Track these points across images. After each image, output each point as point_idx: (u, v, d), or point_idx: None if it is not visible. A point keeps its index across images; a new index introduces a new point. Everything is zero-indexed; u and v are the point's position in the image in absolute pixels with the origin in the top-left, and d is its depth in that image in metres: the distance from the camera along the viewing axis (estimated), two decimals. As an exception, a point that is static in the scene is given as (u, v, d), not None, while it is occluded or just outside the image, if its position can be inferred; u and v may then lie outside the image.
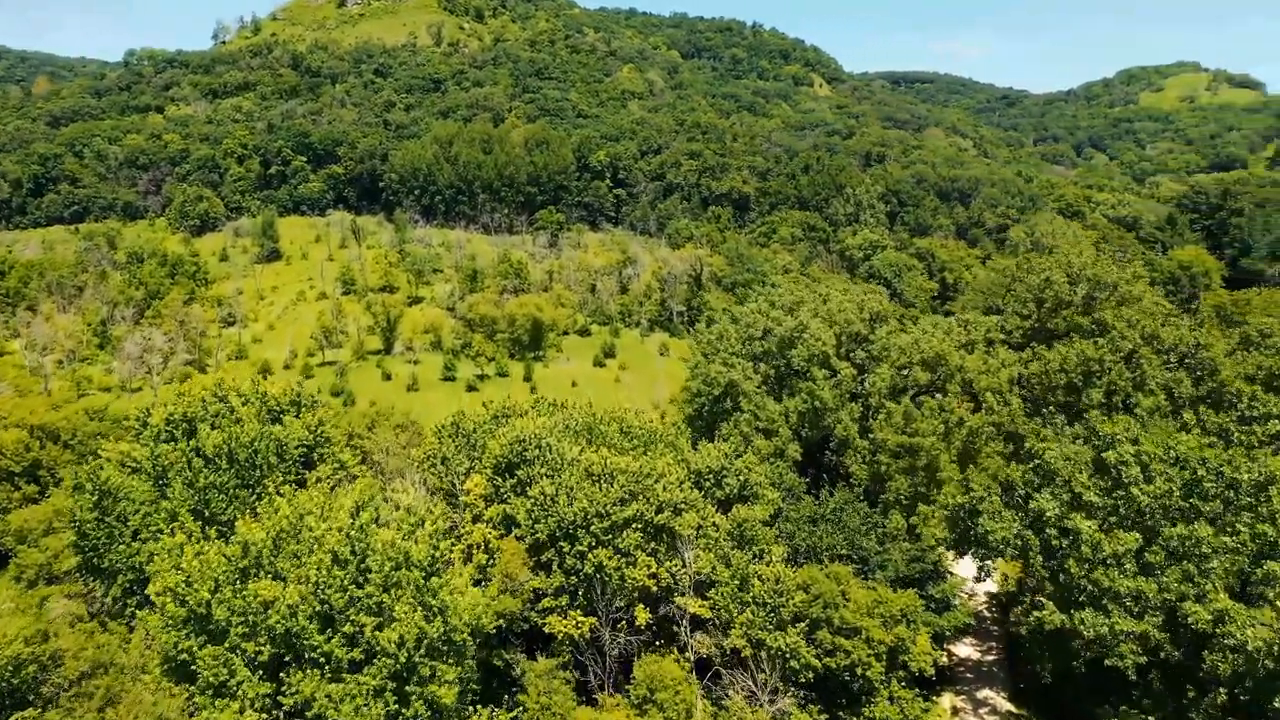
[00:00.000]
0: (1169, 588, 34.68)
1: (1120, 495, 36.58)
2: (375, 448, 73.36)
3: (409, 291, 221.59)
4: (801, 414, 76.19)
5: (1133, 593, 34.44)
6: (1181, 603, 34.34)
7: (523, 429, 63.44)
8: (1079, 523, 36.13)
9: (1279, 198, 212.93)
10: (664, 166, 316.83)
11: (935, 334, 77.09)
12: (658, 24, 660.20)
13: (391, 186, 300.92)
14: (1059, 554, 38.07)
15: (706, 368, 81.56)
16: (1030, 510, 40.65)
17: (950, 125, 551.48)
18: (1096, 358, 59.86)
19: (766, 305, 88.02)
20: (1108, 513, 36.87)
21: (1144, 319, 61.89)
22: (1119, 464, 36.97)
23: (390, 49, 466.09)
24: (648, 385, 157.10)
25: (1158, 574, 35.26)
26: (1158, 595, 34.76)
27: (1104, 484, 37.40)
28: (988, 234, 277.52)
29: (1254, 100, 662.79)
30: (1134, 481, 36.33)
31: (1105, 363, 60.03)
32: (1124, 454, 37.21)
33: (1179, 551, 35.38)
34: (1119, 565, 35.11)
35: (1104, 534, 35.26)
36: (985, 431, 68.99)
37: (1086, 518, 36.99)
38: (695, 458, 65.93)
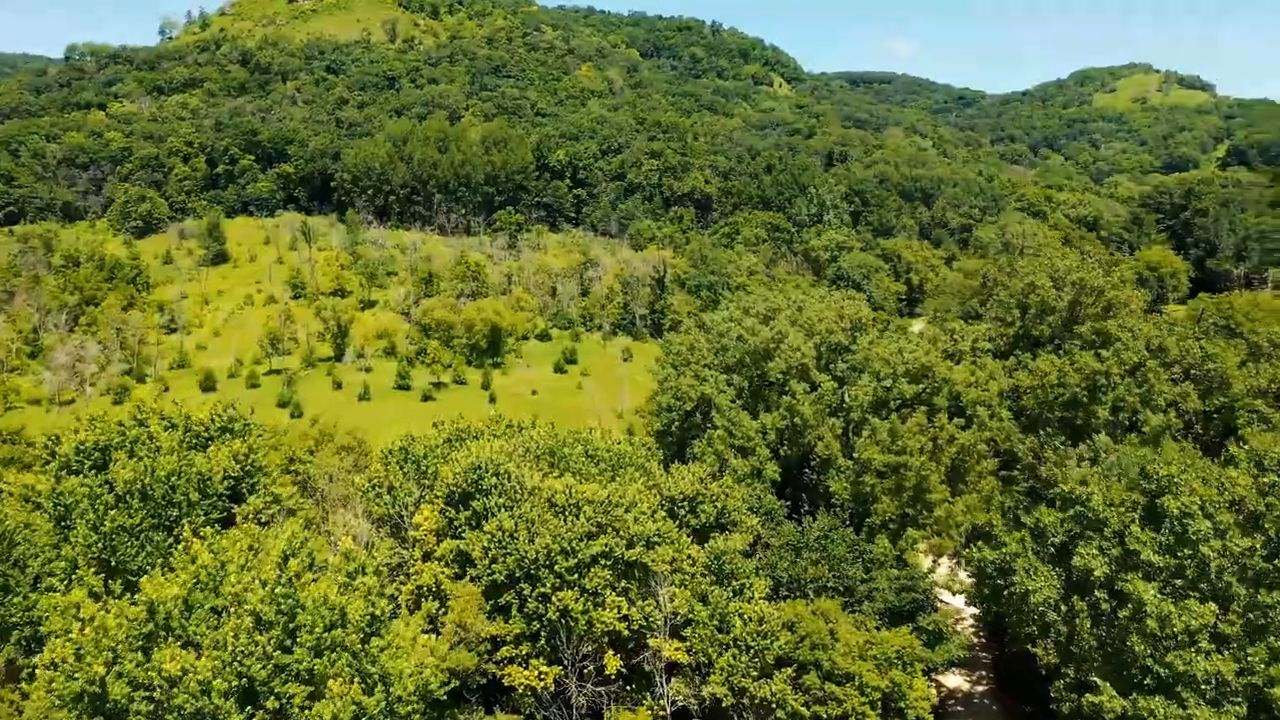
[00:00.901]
0: (1253, 669, 30.02)
1: (1187, 554, 31.92)
2: (318, 473, 66.91)
3: (362, 295, 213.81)
4: (780, 431, 71.01)
5: (1210, 676, 29.69)
6: (1270, 689, 29.55)
7: (478, 454, 57.44)
8: (1139, 588, 31.37)
9: (1242, 197, 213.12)
10: (625, 166, 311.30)
11: (921, 343, 72.33)
12: (617, 23, 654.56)
13: (344, 186, 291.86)
14: (1112, 622, 33.30)
15: (677, 381, 76.09)
16: (1073, 568, 35.86)
17: (910, 125, 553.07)
18: (1103, 370, 55.37)
19: (739, 313, 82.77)
20: (1170, 574, 32.16)
21: (1149, 329, 57.58)
22: (1183, 516, 32.23)
23: (343, 45, 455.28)
24: (611, 393, 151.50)
25: (1235, 650, 30.54)
26: (1240, 680, 30.05)
27: (1165, 540, 32.68)
28: (951, 234, 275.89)
29: (1204, 101, 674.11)
30: (1203, 537, 31.68)
31: (1111, 376, 55.59)
32: (1188, 504, 32.38)
33: (1261, 624, 30.62)
34: (1193, 643, 30.38)
35: (1172, 603, 30.57)
36: (978, 450, 64.37)
37: (1144, 578, 32.31)
38: (667, 482, 60.41)
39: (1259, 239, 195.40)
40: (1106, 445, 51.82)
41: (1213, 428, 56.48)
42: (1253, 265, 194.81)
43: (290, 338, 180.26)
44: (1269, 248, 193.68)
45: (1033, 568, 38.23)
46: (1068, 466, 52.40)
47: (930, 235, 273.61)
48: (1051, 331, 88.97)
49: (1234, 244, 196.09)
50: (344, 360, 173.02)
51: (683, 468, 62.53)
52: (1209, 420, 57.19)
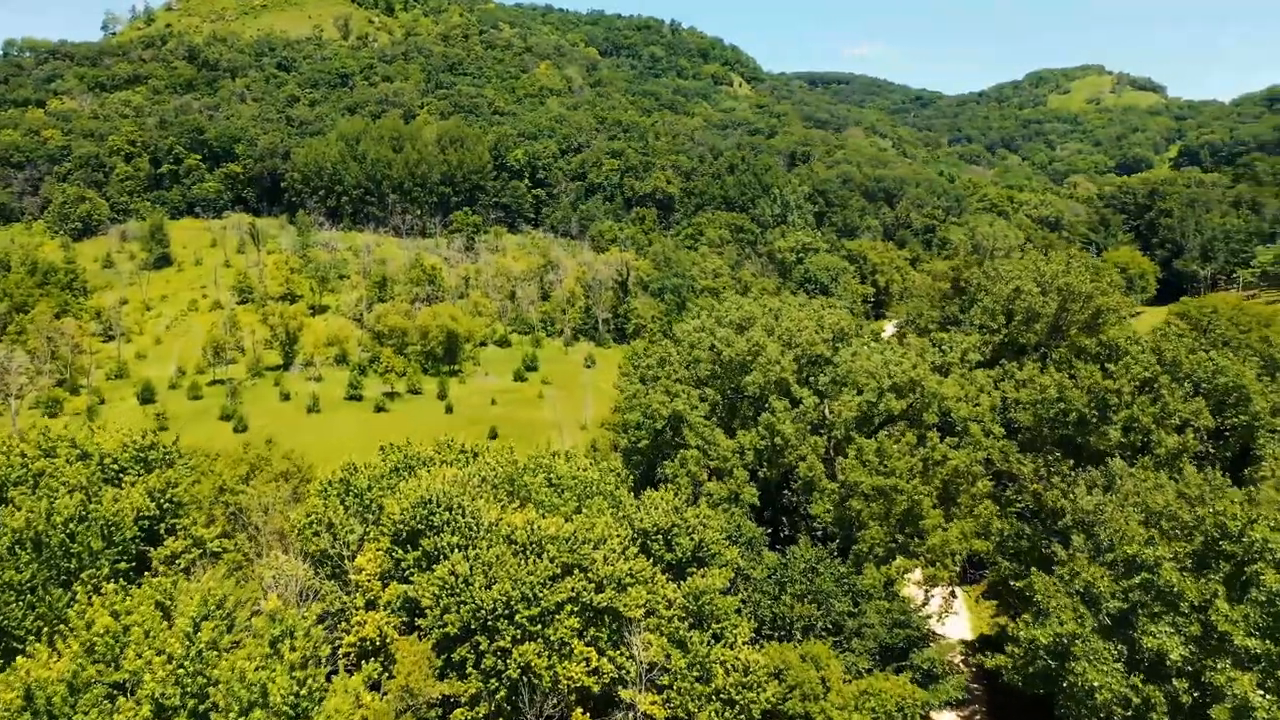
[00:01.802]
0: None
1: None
2: (252, 505, 60.28)
3: (312, 300, 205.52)
4: (759, 451, 65.78)
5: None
6: None
7: (428, 486, 51.52)
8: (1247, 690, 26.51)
9: (1207, 198, 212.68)
10: (585, 165, 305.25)
11: (909, 355, 67.53)
12: (575, 21, 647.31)
13: (294, 187, 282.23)
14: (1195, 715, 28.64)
15: (646, 397, 70.57)
16: (1144, 650, 31.00)
17: (869, 125, 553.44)
18: (1114, 389, 50.83)
19: (712, 322, 77.48)
20: (1272, 663, 27.38)
21: (1165, 343, 53.18)
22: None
23: (294, 42, 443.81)
24: (574, 402, 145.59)
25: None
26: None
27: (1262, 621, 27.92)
28: (915, 235, 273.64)
29: (1155, 103, 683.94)
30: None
31: (1123, 394, 51.07)
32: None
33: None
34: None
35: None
36: (973, 471, 59.71)
37: (1237, 667, 27.59)
38: (639, 514, 54.84)
39: (1224, 239, 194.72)
40: (1122, 471, 47.22)
41: (1229, 448, 52.19)
42: (1219, 266, 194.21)
43: (236, 346, 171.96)
44: (1234, 248, 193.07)
45: (1094, 652, 33.15)
46: (1077, 494, 47.69)
47: (894, 236, 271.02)
48: (1038, 339, 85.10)
49: (1200, 244, 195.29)
50: (293, 369, 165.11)
51: (655, 495, 56.97)
52: (1223, 440, 52.89)
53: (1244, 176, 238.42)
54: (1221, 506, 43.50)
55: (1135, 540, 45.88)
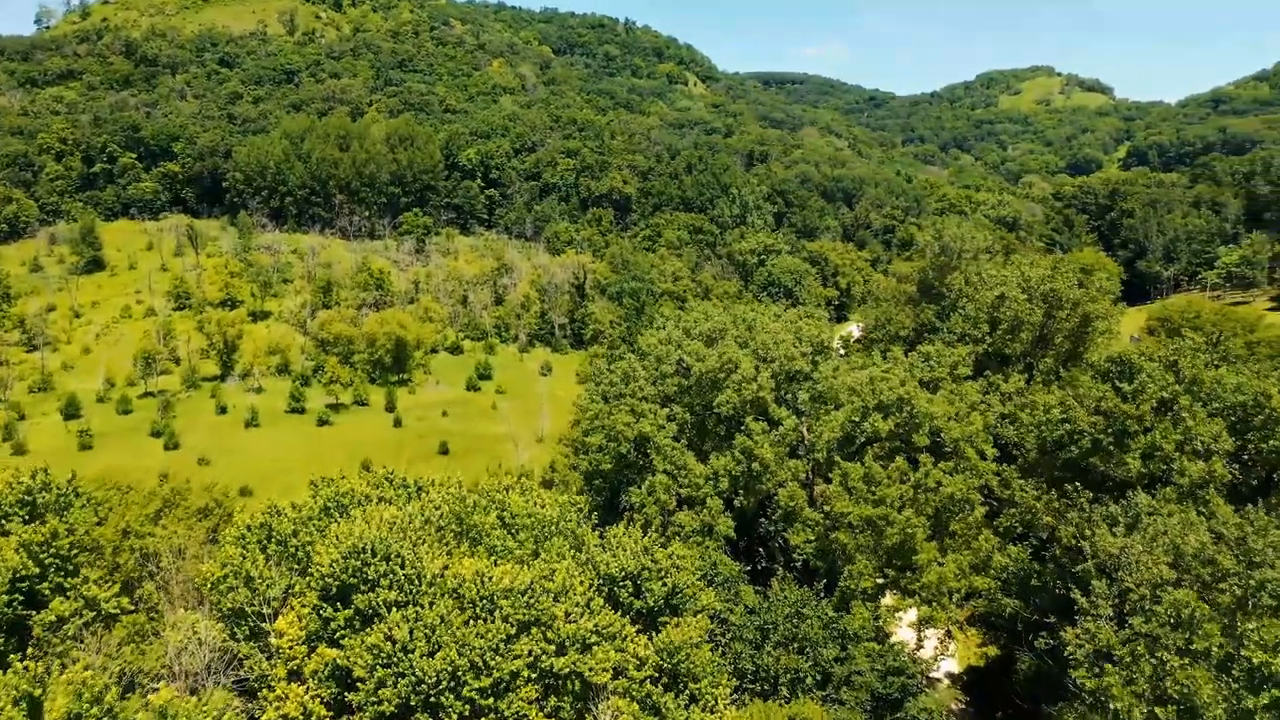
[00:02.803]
0: None
1: None
2: (162, 549, 52.98)
3: (253, 305, 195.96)
4: (734, 477, 59.92)
5: None
6: None
7: (363, 532, 44.70)
8: None
9: (1168, 198, 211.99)
10: (539, 165, 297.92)
11: (895, 370, 62.15)
12: (528, 19, 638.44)
13: (236, 187, 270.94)
14: None
15: (610, 418, 64.34)
16: None
17: (825, 125, 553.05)
18: (1135, 413, 45.71)
19: (679, 334, 71.46)
20: None
21: (1182, 359, 48.23)
22: None
23: (237, 37, 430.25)
24: (530, 412, 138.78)
25: None
26: None
27: None
28: (875, 235, 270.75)
29: (1104, 104, 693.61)
30: None
31: (1144, 418, 46.00)
32: None
33: None
34: None
35: None
36: (972, 498, 54.46)
37: None
38: (605, 556, 48.58)
39: (1186, 240, 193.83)
40: (1148, 506, 42.07)
41: (1253, 474, 47.44)
42: (1182, 267, 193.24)
43: (170, 355, 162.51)
44: (1196, 249, 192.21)
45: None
46: (1098, 534, 42.45)
47: (854, 236, 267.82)
48: (1023, 348, 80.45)
49: (1163, 245, 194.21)
50: (231, 380, 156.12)
51: (622, 533, 50.72)
52: (1245, 466, 48.12)
53: (1202, 176, 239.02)
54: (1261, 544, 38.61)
55: (1103, 547, 40.79)
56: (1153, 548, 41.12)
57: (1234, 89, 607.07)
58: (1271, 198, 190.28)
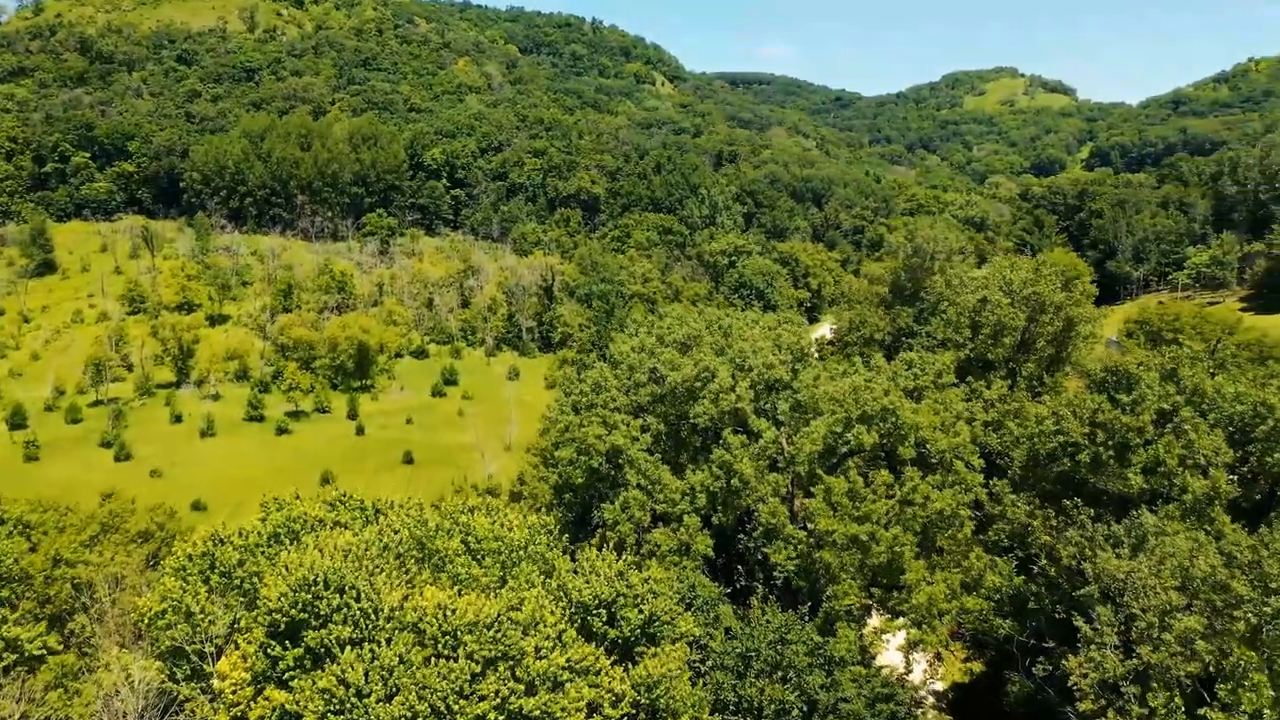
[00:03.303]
0: None
1: None
2: (99, 578, 49.07)
3: (211, 309, 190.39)
4: (712, 493, 57.04)
5: None
6: None
7: (314, 561, 41.22)
8: None
9: (1136, 198, 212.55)
10: (506, 165, 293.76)
11: (879, 378, 59.56)
12: (494, 18, 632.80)
13: (193, 187, 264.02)
14: None
15: (581, 430, 61.22)
16: None
17: (792, 125, 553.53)
18: (1135, 425, 43.39)
19: (652, 341, 68.48)
20: None
21: (1183, 368, 46.02)
22: None
23: (196, 34, 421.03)
24: (497, 418, 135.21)
25: None
26: None
27: None
28: (845, 236, 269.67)
29: (1067, 105, 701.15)
30: None
31: (1145, 431, 43.70)
32: None
33: None
34: None
35: None
36: (961, 514, 51.99)
37: None
38: (577, 582, 45.47)
39: (1155, 240, 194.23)
40: (1154, 526, 39.73)
41: (1256, 489, 45.34)
42: (1151, 267, 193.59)
43: (123, 361, 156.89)
44: (1165, 249, 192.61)
45: None
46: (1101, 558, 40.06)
47: (824, 237, 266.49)
48: (1006, 354, 78.39)
49: (1132, 246, 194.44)
50: (187, 387, 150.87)
51: (595, 556, 47.62)
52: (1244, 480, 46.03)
53: (1169, 177, 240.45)
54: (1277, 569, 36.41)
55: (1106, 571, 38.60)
56: (1160, 571, 38.80)
57: (1194, 90, 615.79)
58: (1238, 198, 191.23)
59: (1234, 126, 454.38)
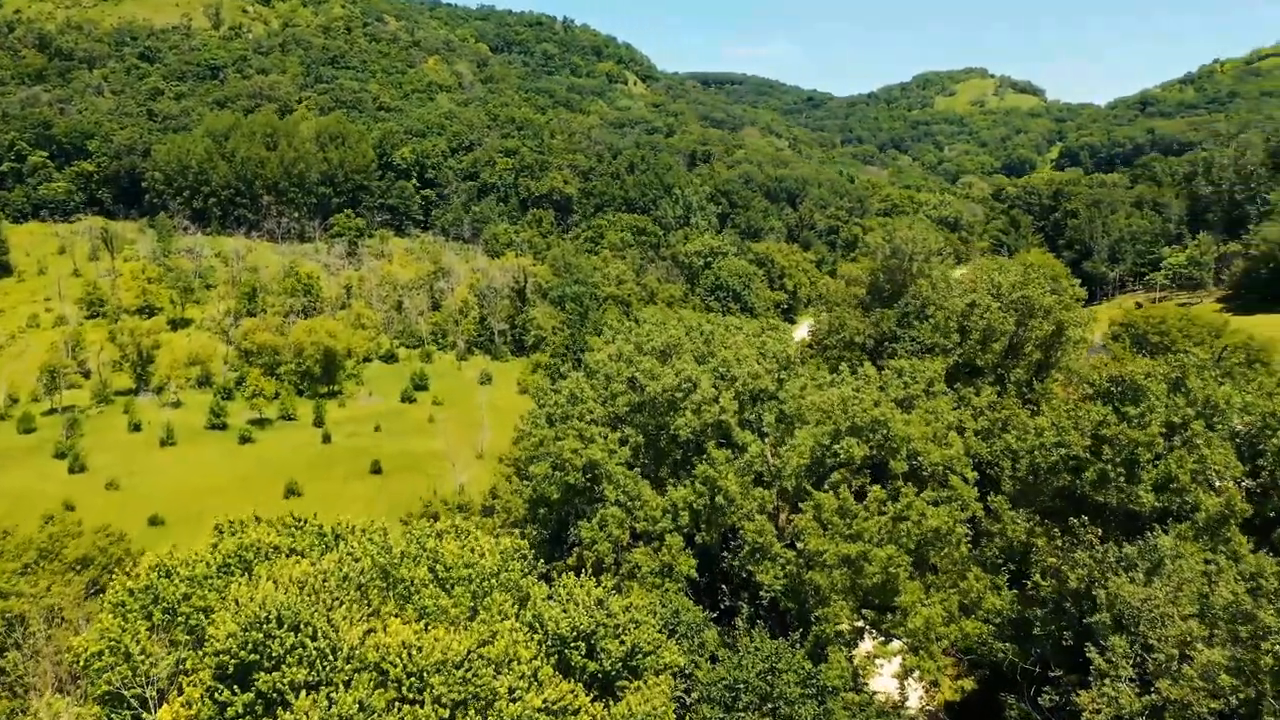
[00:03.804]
0: None
1: None
2: (34, 611, 45.23)
3: (173, 313, 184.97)
4: (696, 511, 54.09)
5: None
6: None
7: (267, 596, 37.78)
8: None
9: (1111, 198, 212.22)
10: (477, 164, 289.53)
11: (868, 388, 56.89)
12: (464, 16, 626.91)
13: (155, 187, 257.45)
14: None
15: (556, 445, 58.04)
16: None
17: (765, 125, 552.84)
18: (1145, 440, 40.96)
19: (630, 349, 65.40)
20: None
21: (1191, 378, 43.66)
22: None
23: (159, 31, 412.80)
24: (469, 425, 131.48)
25: None
26: None
27: None
28: (820, 236, 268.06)
29: (1036, 105, 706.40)
30: None
31: (1155, 445, 41.29)
32: None
33: None
34: None
35: None
36: (957, 533, 49.42)
37: None
38: (553, 611, 42.35)
39: (1131, 240, 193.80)
40: (1171, 548, 37.27)
41: (1270, 506, 43.04)
42: (1127, 267, 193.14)
43: (79, 368, 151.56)
44: (1140, 249, 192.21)
45: None
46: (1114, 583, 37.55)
47: (798, 237, 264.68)
48: (995, 359, 76.15)
49: (1108, 246, 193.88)
50: (147, 394, 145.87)
51: (573, 582, 44.52)
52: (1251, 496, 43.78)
53: (1142, 177, 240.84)
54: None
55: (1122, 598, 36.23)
56: (1177, 598, 36.35)
57: (1160, 91, 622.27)
58: (1213, 198, 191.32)
59: (1200, 127, 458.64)
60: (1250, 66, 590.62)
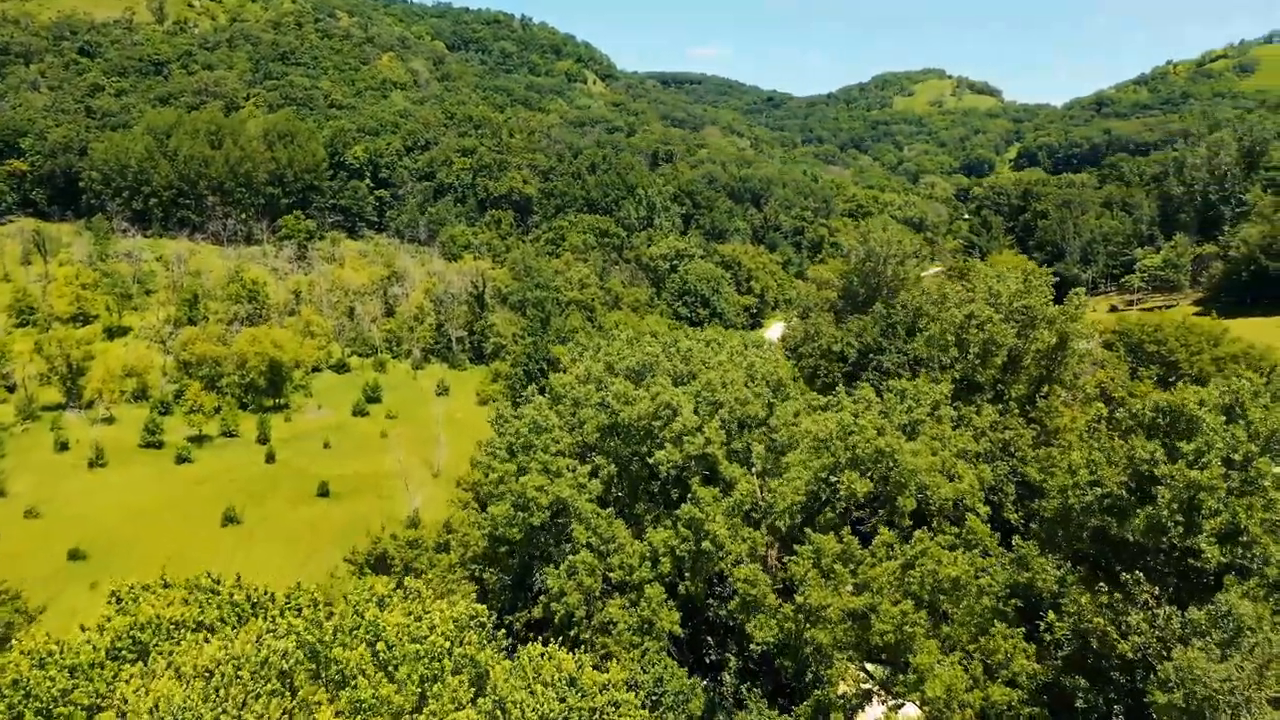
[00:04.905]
0: None
1: None
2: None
3: (110, 321, 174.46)
4: (679, 557, 47.59)
5: None
6: None
7: (163, 695, 30.67)
8: None
9: (1080, 198, 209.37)
10: (434, 164, 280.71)
11: (870, 414, 50.78)
12: (420, 13, 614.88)
13: (93, 187, 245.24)
14: None
15: (518, 482, 51.22)
16: None
17: (726, 125, 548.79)
18: (1207, 483, 35.20)
19: (601, 368, 58.78)
20: None
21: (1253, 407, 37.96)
22: None
23: (100, 25, 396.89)
24: (425, 439, 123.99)
25: None
26: None
27: None
28: (785, 237, 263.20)
29: (994, 106, 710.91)
30: None
31: (1217, 489, 35.54)
32: None
33: None
34: None
35: None
36: (983, 583, 43.44)
37: None
38: (518, 695, 35.55)
39: (1103, 241, 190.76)
40: (1249, 616, 31.47)
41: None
42: (1100, 269, 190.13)
43: (3, 381, 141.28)
44: (1112, 250, 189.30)
45: None
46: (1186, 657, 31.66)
47: (764, 239, 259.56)
48: (995, 374, 70.64)
49: (1080, 247, 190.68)
50: (77, 410, 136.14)
51: (540, 655, 37.78)
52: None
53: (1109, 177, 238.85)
54: None
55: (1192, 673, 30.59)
56: (1263, 679, 30.54)
57: (1115, 92, 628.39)
58: (1185, 199, 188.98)
59: (1155, 128, 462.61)
60: (1202, 69, 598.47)
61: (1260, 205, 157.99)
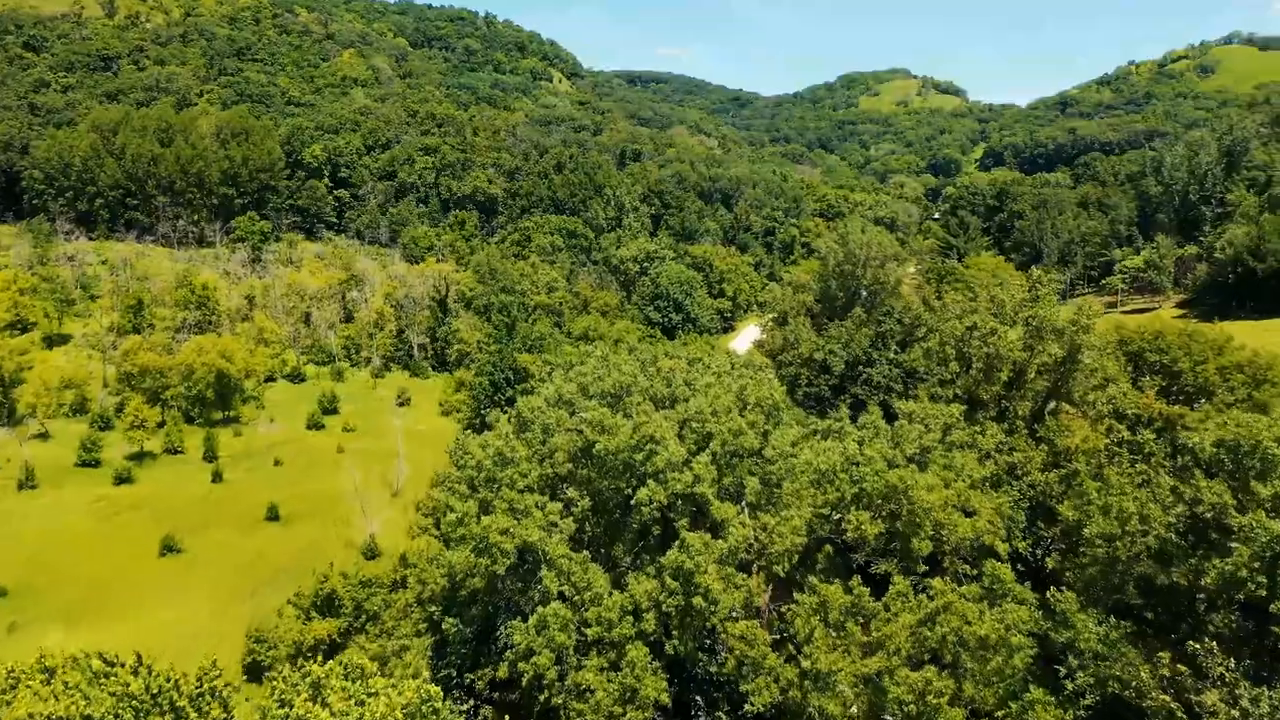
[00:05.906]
0: None
1: None
2: None
3: (49, 328, 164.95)
4: (666, 614, 41.62)
5: None
6: None
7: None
8: None
9: (1056, 198, 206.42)
10: (395, 163, 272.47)
11: (878, 443, 45.17)
12: (382, 10, 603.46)
13: (34, 187, 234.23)
14: None
15: (479, 524, 44.94)
16: None
17: (693, 124, 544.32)
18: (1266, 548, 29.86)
19: (573, 390, 52.62)
20: None
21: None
22: None
23: (47, 19, 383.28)
24: (383, 455, 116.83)
25: None
26: None
27: None
28: (756, 238, 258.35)
29: (959, 106, 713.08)
30: None
31: None
32: None
33: None
34: None
35: None
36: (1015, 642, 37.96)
37: None
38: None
39: (1081, 242, 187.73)
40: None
41: None
42: (1078, 270, 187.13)
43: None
44: (1090, 250, 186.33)
45: None
46: None
47: (735, 239, 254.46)
48: (999, 390, 65.48)
49: (1058, 248, 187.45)
50: (7, 425, 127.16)
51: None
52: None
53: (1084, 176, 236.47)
54: None
55: None
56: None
57: (1078, 92, 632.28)
58: (1164, 199, 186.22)
59: (1119, 128, 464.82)
60: (1164, 69, 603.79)
61: (1245, 205, 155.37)
